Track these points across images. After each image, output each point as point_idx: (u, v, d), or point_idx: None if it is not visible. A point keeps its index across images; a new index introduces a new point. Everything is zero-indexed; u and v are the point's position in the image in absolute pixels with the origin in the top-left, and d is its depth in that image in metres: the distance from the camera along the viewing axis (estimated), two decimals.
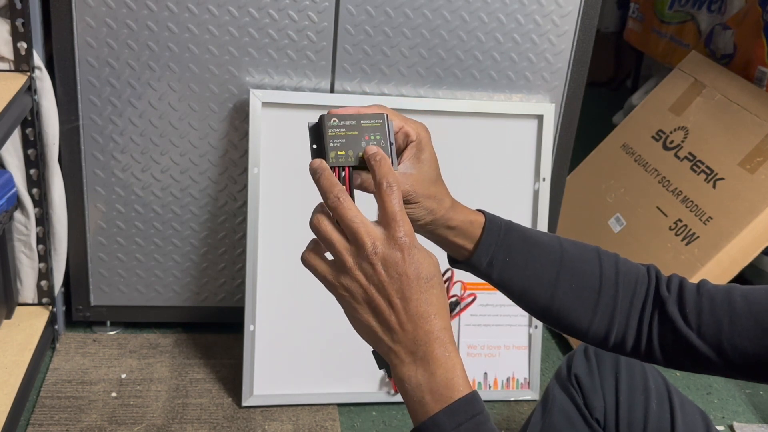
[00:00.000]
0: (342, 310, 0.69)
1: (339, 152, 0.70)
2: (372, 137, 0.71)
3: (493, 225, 0.81)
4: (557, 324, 0.84)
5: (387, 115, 0.72)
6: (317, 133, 0.71)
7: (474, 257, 0.81)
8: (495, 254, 0.80)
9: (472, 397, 0.65)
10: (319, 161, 0.69)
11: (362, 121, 0.71)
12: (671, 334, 0.80)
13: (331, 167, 0.69)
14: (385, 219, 0.65)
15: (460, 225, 0.81)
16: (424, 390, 0.65)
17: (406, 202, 0.76)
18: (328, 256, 0.68)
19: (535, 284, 0.81)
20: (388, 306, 0.65)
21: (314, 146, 0.71)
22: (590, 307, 0.81)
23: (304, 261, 0.69)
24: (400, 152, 0.76)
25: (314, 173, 0.68)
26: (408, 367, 0.66)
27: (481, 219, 0.81)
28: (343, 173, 0.70)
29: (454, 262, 0.86)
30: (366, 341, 0.69)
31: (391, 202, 0.65)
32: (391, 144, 0.72)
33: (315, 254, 0.68)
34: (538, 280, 0.81)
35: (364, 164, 0.70)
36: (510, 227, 0.82)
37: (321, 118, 0.71)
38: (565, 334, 0.85)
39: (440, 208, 0.79)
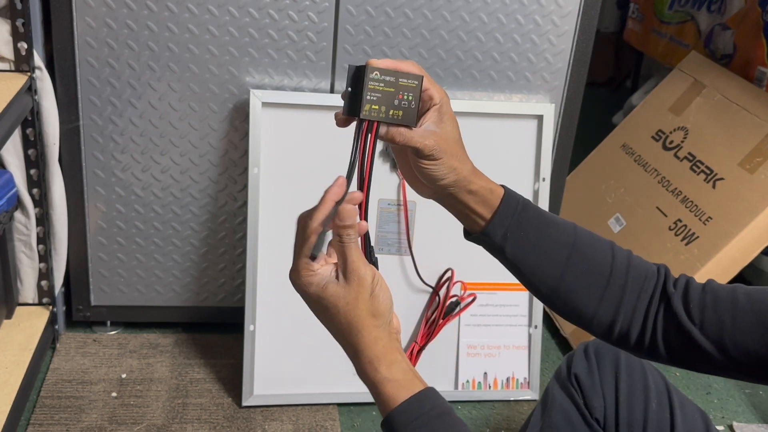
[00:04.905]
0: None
1: (373, 106, 0.73)
2: (405, 97, 0.74)
3: (512, 199, 0.83)
4: (563, 307, 0.85)
5: (423, 78, 0.76)
6: (357, 79, 0.74)
7: (489, 227, 0.83)
8: (510, 227, 0.82)
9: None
10: (335, 193, 0.74)
11: (401, 79, 0.74)
12: (675, 329, 0.80)
13: (361, 119, 0.73)
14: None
15: (480, 190, 0.82)
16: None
17: (430, 158, 0.78)
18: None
19: (546, 262, 0.83)
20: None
21: (350, 89, 0.74)
22: (598, 294, 0.82)
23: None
24: (422, 113, 0.79)
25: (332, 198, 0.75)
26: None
27: (501, 191, 0.83)
28: (372, 127, 0.74)
29: (469, 234, 0.87)
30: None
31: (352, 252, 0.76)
32: (418, 105, 0.76)
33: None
34: (549, 258, 0.83)
35: (393, 120, 0.74)
36: (527, 204, 0.84)
37: (365, 67, 0.73)
38: (570, 322, 0.86)
39: (463, 169, 0.80)
